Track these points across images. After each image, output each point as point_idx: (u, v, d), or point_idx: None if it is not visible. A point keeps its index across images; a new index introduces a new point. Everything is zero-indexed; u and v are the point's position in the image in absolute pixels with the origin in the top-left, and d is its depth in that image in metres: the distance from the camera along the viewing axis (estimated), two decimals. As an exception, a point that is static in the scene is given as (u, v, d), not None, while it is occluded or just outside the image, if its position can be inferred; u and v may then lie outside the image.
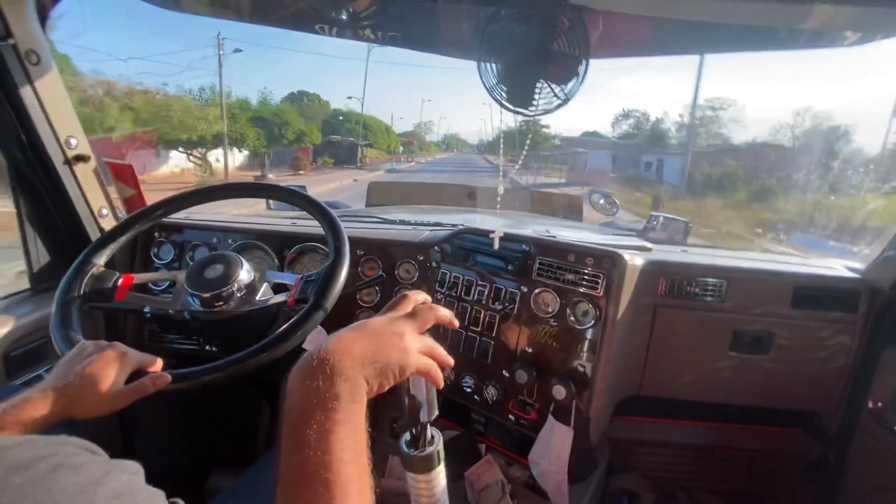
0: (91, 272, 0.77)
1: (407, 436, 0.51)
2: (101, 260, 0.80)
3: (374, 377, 0.42)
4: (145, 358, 0.62)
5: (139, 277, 0.81)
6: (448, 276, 1.08)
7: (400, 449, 0.51)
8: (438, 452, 0.50)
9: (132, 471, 0.33)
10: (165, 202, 0.90)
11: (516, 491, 0.98)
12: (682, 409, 1.19)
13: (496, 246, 0.99)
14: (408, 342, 0.45)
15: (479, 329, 1.01)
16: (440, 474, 0.51)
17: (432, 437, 0.51)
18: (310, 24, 0.92)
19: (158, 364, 0.63)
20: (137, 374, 0.61)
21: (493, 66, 0.76)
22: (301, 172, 20.27)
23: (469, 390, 1.02)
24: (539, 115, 0.79)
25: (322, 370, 0.39)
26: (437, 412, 0.51)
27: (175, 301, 0.79)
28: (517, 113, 0.79)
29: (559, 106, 0.77)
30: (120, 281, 0.78)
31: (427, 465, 0.50)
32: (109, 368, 0.57)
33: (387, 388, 0.44)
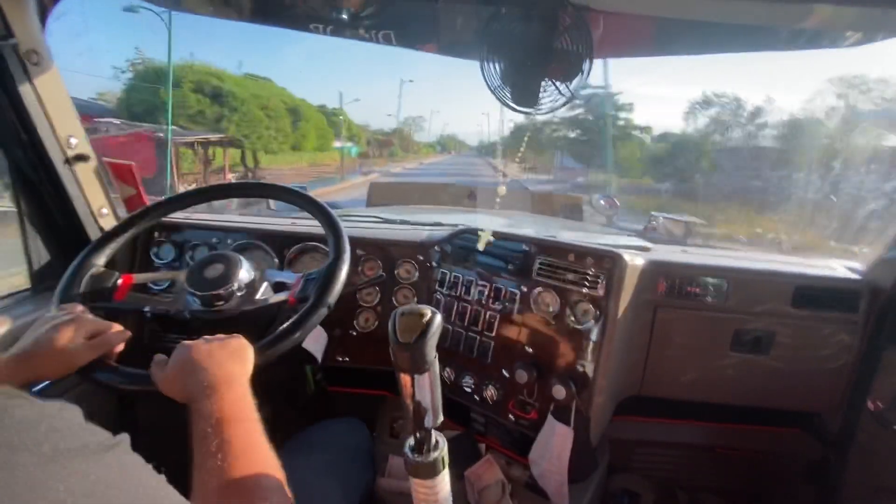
0: (91, 272, 0.77)
1: (411, 441, 0.51)
2: (100, 260, 0.80)
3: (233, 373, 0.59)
4: (101, 323, 0.67)
5: (139, 277, 0.81)
6: (448, 275, 1.08)
7: (404, 454, 0.50)
8: (443, 458, 0.50)
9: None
10: (165, 202, 0.90)
11: (516, 491, 0.98)
12: (683, 409, 1.18)
13: (480, 246, 1.00)
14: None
15: (478, 329, 1.01)
16: (444, 479, 0.51)
17: (437, 442, 0.50)
18: (309, 23, 0.92)
19: (116, 327, 0.67)
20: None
21: (496, 65, 0.76)
22: None
23: (469, 390, 1.02)
24: (543, 113, 0.79)
25: (207, 389, 0.55)
26: (441, 417, 0.50)
27: (175, 300, 0.79)
28: (521, 112, 0.79)
29: (563, 104, 0.77)
30: (120, 281, 0.78)
31: (432, 471, 0.50)
32: (65, 329, 0.63)
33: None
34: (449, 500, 0.52)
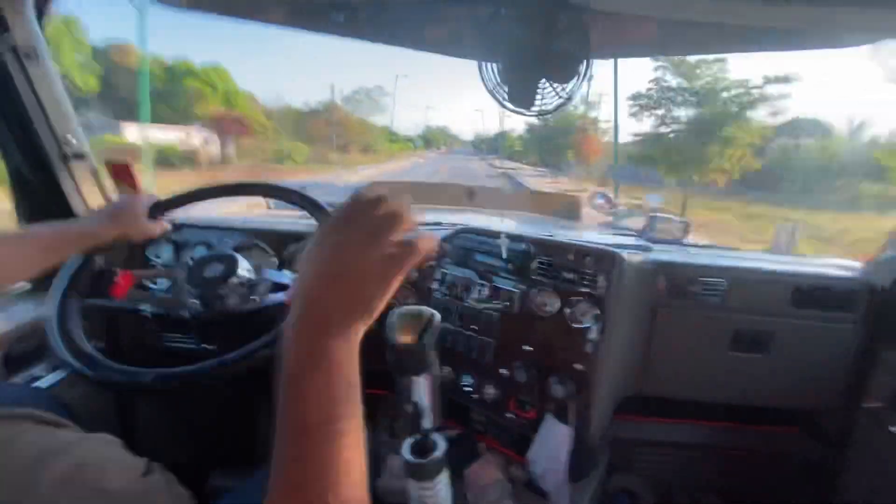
0: (89, 270, 0.77)
1: (410, 442, 0.50)
2: (99, 260, 0.80)
3: (363, 319, 0.38)
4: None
5: (138, 275, 0.81)
6: (448, 275, 1.07)
7: (402, 457, 0.50)
8: (442, 460, 0.50)
9: (103, 442, 0.32)
10: (175, 198, 0.90)
11: (516, 490, 0.98)
12: (682, 408, 1.19)
13: (504, 255, 0.99)
14: (387, 269, 0.38)
15: (478, 328, 1.01)
16: (444, 481, 0.51)
17: (436, 443, 0.50)
18: (308, 22, 0.92)
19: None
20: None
21: (494, 66, 0.76)
22: None
23: (468, 389, 1.02)
24: (539, 115, 0.79)
25: (311, 324, 0.36)
26: (441, 419, 0.50)
27: (174, 300, 0.79)
28: (517, 113, 0.79)
29: (560, 105, 0.77)
30: (119, 279, 0.78)
31: (430, 474, 0.49)
32: (139, 200, 0.82)
33: (376, 315, 0.39)
34: (448, 502, 0.52)
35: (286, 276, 0.82)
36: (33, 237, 0.71)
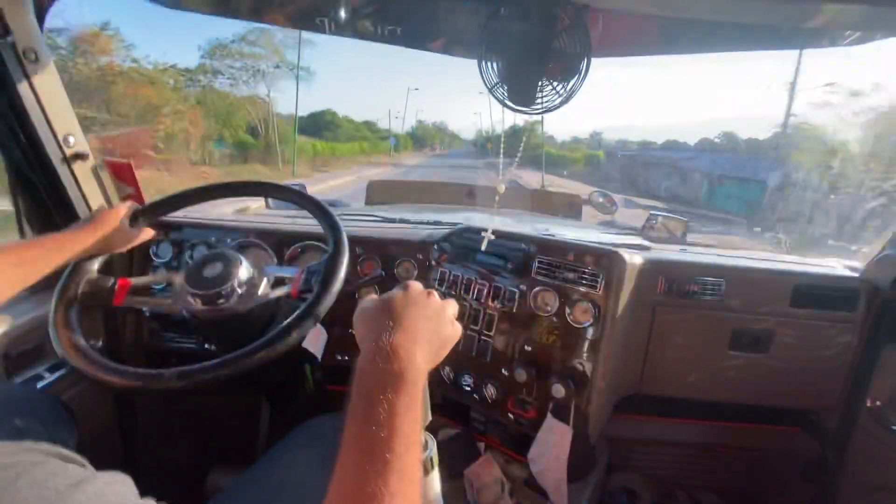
0: (86, 278, 0.76)
1: None
2: (94, 265, 0.79)
3: (432, 358, 0.47)
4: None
5: (136, 281, 0.80)
6: (447, 274, 1.07)
7: None
8: (431, 458, 0.50)
9: (111, 480, 0.32)
10: (164, 201, 0.90)
11: (515, 489, 0.98)
12: (682, 407, 1.19)
13: (483, 247, 0.99)
14: (449, 313, 0.52)
15: (478, 328, 1.01)
16: (434, 480, 0.51)
17: (425, 442, 0.50)
18: (309, 21, 0.92)
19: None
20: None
21: (494, 64, 0.76)
22: None
23: (468, 389, 1.02)
24: (540, 113, 0.79)
25: (396, 356, 0.42)
26: (429, 417, 0.50)
27: (175, 300, 0.79)
28: (518, 112, 0.79)
29: (561, 104, 0.77)
30: (117, 286, 0.77)
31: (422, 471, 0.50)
32: (118, 210, 0.82)
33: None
34: (439, 501, 0.52)
35: (287, 272, 0.82)
36: (8, 253, 0.68)
